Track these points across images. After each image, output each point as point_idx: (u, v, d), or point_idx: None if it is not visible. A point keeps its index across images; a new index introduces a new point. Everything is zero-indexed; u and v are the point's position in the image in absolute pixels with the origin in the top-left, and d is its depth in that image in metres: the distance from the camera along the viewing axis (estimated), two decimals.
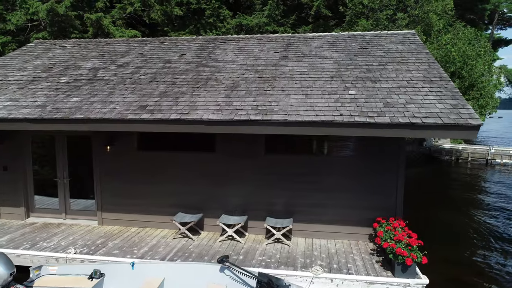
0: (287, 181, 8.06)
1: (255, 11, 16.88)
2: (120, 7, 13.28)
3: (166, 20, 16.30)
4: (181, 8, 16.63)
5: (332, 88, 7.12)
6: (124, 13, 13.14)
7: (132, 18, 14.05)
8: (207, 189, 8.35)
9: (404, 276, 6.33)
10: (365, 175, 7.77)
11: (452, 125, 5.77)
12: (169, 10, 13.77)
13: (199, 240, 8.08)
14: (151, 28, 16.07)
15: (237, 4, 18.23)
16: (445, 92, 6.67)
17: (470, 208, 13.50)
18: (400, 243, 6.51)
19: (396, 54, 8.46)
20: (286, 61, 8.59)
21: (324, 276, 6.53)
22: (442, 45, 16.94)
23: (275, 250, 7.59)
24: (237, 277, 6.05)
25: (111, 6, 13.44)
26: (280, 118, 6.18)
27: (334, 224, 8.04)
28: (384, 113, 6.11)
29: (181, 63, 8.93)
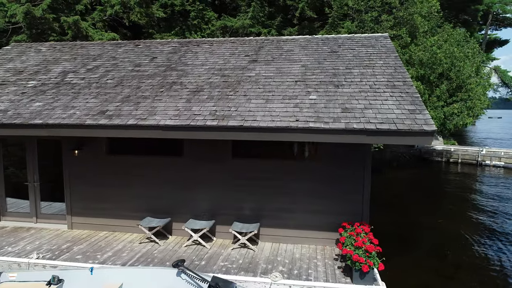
0: (254, 186, 8.01)
1: (240, 12, 16.84)
2: (101, 9, 13.26)
3: (152, 23, 16.28)
4: (165, 10, 16.61)
5: (294, 93, 7.08)
6: (105, 16, 13.11)
7: (115, 21, 14.04)
8: (176, 193, 8.31)
9: (361, 283, 6.28)
10: (332, 180, 7.72)
11: (405, 131, 5.72)
12: (149, 12, 13.74)
13: (165, 245, 8.04)
14: (135, 31, 16.05)
15: (223, 6, 18.19)
16: (406, 97, 6.62)
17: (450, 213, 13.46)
18: (359, 249, 6.47)
19: (365, 58, 8.41)
20: (254, 65, 8.55)
21: (283, 282, 6.48)
22: (428, 47, 16.86)
23: (239, 255, 7.55)
24: (192, 281, 6.04)
25: (92, 8, 13.41)
26: (236, 123, 6.14)
27: (301, 229, 8.00)
28: (340, 119, 6.06)
29: (150, 67, 8.90)
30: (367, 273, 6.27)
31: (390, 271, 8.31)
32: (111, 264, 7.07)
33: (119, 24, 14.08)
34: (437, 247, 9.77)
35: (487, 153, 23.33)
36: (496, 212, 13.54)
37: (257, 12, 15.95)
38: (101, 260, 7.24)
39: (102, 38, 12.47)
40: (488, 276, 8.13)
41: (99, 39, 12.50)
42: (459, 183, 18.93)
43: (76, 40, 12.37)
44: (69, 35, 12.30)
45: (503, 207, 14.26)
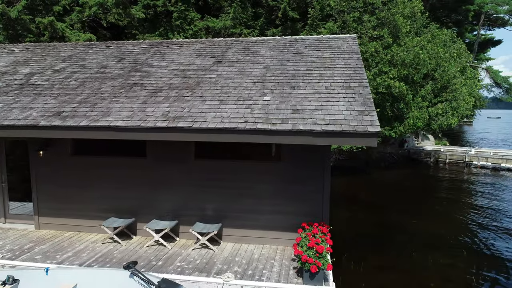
0: (217, 187, 8.05)
1: (223, 13, 16.87)
2: (79, 10, 13.31)
3: (134, 23, 16.32)
4: (148, 11, 16.65)
5: (249, 94, 7.11)
6: (83, 17, 13.17)
7: (95, 22, 14.09)
8: (140, 194, 8.35)
9: (312, 283, 6.31)
10: (294, 181, 7.75)
11: (350, 132, 5.74)
12: (127, 13, 13.78)
13: (127, 245, 8.07)
14: (118, 31, 16.10)
15: (206, 6, 18.22)
16: (358, 98, 6.65)
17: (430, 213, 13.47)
18: (311, 250, 6.49)
19: (328, 59, 8.43)
20: (218, 66, 8.58)
21: (234, 282, 6.51)
22: (410, 47, 16.86)
23: (198, 255, 7.58)
24: (143, 283, 6.08)
25: (70, 9, 13.46)
26: (185, 125, 6.17)
27: (263, 230, 8.03)
28: (289, 120, 6.09)
29: (116, 68, 8.94)
30: (317, 274, 6.29)
31: (354, 271, 8.37)
32: (68, 264, 7.12)
33: (99, 25, 14.13)
34: (406, 247, 9.78)
35: (475, 154, 23.31)
36: (478, 212, 13.55)
37: (238, 13, 15.98)
38: (59, 261, 7.28)
39: (78, 39, 12.52)
40: (449, 276, 8.15)
41: (75, 40, 12.55)
42: (444, 184, 18.94)
43: (53, 41, 12.41)
44: (46, 36, 12.36)
45: (486, 207, 14.26)
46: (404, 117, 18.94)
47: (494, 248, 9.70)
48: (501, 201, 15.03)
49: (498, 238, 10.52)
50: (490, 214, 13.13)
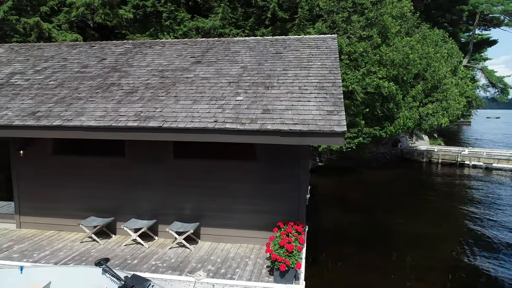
0: (195, 186, 8.10)
1: (212, 13, 16.94)
2: (66, 11, 13.38)
3: (124, 24, 16.39)
4: (137, 11, 16.71)
5: (223, 94, 7.16)
6: (70, 17, 13.24)
7: (83, 22, 14.16)
8: (120, 193, 8.40)
9: (282, 281, 6.36)
10: (269, 180, 7.79)
11: (316, 132, 5.80)
12: (115, 13, 13.84)
13: (106, 244, 8.13)
14: (108, 32, 16.16)
15: (197, 7, 18.28)
16: (329, 98, 6.70)
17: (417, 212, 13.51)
18: (282, 248, 6.55)
19: (305, 59, 8.49)
20: (196, 66, 8.64)
21: (206, 281, 6.57)
22: (399, 47, 16.91)
23: (174, 254, 7.63)
24: (113, 279, 6.13)
25: (58, 10, 13.54)
26: (156, 124, 6.23)
27: (241, 229, 8.08)
28: (258, 120, 6.15)
29: (97, 68, 9.00)
30: (287, 272, 6.34)
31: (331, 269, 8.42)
32: (44, 263, 7.18)
33: (87, 26, 14.20)
34: (387, 247, 9.83)
35: (467, 154, 23.33)
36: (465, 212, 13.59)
37: (227, 13, 16.03)
38: (36, 259, 7.34)
39: (65, 40, 12.59)
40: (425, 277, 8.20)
41: (62, 40, 12.63)
42: (434, 184, 18.97)
43: (39, 41, 12.49)
44: (32, 36, 12.44)
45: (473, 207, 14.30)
46: (394, 117, 19.01)
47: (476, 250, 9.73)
48: (489, 202, 15.07)
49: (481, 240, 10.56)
50: (476, 214, 13.17)
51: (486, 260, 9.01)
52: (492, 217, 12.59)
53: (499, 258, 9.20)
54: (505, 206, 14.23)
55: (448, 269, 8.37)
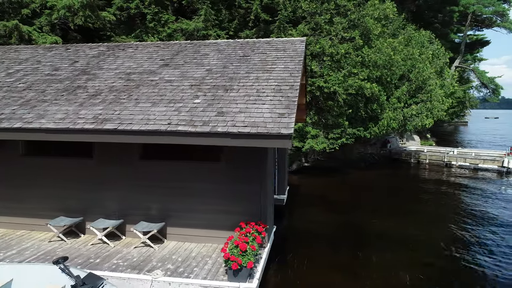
0: (161, 187, 8.27)
1: (196, 15, 17.10)
2: (48, 13, 13.56)
3: (108, 25, 16.56)
4: (122, 13, 16.89)
5: (183, 97, 7.32)
6: (52, 20, 13.42)
7: (65, 24, 14.33)
8: (88, 193, 8.56)
9: (235, 280, 6.52)
10: (232, 181, 7.95)
11: (264, 134, 5.95)
12: (96, 15, 14.02)
13: (73, 244, 8.30)
14: (92, 34, 16.33)
15: (182, 8, 18.44)
16: (283, 101, 6.85)
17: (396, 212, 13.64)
18: (236, 248, 6.71)
19: (270, 62, 8.64)
20: (163, 69, 8.80)
21: (162, 279, 6.74)
22: (382, 49, 17.04)
23: (137, 253, 7.80)
24: (69, 277, 6.30)
25: (40, 12, 13.74)
26: (111, 127, 6.40)
27: (205, 229, 8.24)
28: (210, 122, 6.31)
29: (67, 71, 9.17)
30: (240, 271, 6.50)
31: (296, 269, 8.56)
32: (8, 261, 7.35)
33: (70, 28, 14.38)
34: (357, 247, 9.96)
35: (453, 155, 23.46)
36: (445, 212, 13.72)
37: (210, 15, 16.20)
38: (1, 258, 7.52)
39: (45, 42, 12.78)
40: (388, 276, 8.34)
41: (42, 42, 12.81)
42: (419, 184, 19.07)
43: (20, 44, 12.68)
44: (13, 39, 12.63)
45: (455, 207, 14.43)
46: (378, 118, 19.15)
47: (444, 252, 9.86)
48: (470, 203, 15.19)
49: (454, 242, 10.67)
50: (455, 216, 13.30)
51: (453, 262, 9.14)
52: (469, 219, 12.71)
53: (466, 259, 9.33)
54: (484, 207, 14.36)
55: (411, 270, 8.50)
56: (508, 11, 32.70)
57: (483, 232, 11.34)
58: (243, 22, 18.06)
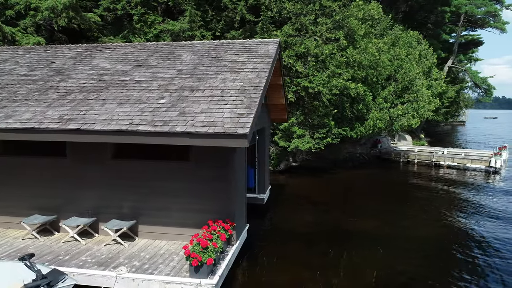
0: (132, 186, 8.41)
1: (182, 16, 17.27)
2: (32, 14, 13.76)
3: (95, 26, 16.74)
4: (109, 14, 17.06)
5: (149, 97, 7.48)
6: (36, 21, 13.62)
7: (51, 25, 14.51)
8: (62, 192, 8.71)
9: (196, 276, 6.67)
10: (202, 180, 8.08)
11: (220, 134, 6.11)
12: (80, 16, 14.21)
13: (46, 241, 8.46)
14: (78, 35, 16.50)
15: (169, 9, 18.61)
16: (245, 102, 7.01)
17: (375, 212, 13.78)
18: (198, 245, 6.86)
19: (240, 63, 8.79)
20: (136, 69, 8.96)
21: (126, 276, 6.90)
22: (364, 49, 17.18)
23: (107, 251, 7.96)
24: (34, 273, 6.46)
25: (25, 14, 13.93)
26: (74, 127, 6.56)
27: (176, 227, 8.39)
28: (170, 122, 6.46)
29: (42, 72, 9.34)
30: (200, 267, 6.65)
31: (265, 267, 8.70)
32: None
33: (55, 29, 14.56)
34: (329, 245, 10.10)
35: (441, 154, 23.58)
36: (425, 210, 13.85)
37: (194, 16, 16.35)
38: None
39: (28, 43, 12.98)
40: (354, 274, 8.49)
41: (26, 43, 13.00)
42: (404, 183, 19.19)
43: (4, 45, 12.86)
44: None
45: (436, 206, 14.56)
46: (364, 118, 19.29)
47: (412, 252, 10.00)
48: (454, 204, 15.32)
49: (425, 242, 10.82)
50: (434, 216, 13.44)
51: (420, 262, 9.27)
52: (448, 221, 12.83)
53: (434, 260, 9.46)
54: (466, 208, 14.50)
55: (378, 268, 8.63)
56: (501, 11, 32.85)
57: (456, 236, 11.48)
58: (230, 23, 18.22)
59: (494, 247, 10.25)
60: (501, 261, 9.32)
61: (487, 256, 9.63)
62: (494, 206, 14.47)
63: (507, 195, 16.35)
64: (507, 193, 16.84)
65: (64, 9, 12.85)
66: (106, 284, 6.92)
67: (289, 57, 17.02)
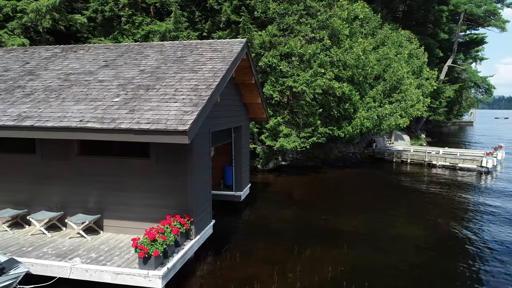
0: (97, 181, 8.72)
1: (169, 17, 17.61)
2: (19, 16, 14.25)
3: (83, 28, 17.20)
4: (97, 15, 17.51)
5: (106, 95, 7.78)
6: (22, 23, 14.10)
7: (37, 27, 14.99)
8: (32, 187, 9.07)
9: (145, 268, 6.95)
10: (161, 176, 8.34)
11: (161, 131, 6.36)
12: (65, 17, 14.66)
13: (15, 233, 8.84)
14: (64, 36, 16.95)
15: (158, 11, 18.99)
16: (194, 100, 7.25)
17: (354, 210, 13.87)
18: (147, 238, 7.13)
19: (201, 63, 9.03)
20: (102, 69, 9.28)
21: (80, 267, 7.22)
22: (349, 49, 17.25)
23: (69, 243, 8.29)
24: None
25: (13, 16, 14.45)
26: (29, 124, 6.89)
27: (138, 221, 8.68)
28: (117, 119, 6.74)
29: (15, 72, 9.73)
30: (148, 259, 6.92)
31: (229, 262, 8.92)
32: None
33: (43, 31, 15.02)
34: (296, 241, 10.28)
35: (433, 154, 23.45)
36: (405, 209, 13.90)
37: (179, 17, 16.67)
38: None
39: (13, 44, 13.46)
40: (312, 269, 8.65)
41: (11, 44, 13.49)
42: (392, 183, 19.18)
43: None
44: None
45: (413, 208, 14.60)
46: (352, 117, 19.34)
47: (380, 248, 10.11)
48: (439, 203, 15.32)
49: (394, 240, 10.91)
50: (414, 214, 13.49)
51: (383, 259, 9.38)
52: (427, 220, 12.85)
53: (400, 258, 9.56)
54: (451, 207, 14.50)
55: (337, 264, 8.78)
56: (501, 10, 32.43)
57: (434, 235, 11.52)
58: (217, 23, 18.50)
59: (467, 245, 10.32)
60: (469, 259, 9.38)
61: (455, 254, 9.72)
62: (479, 206, 14.44)
63: (493, 195, 16.26)
64: (494, 192, 16.75)
65: (48, 11, 13.28)
66: (62, 275, 7.25)
67: (273, 57, 17.21)
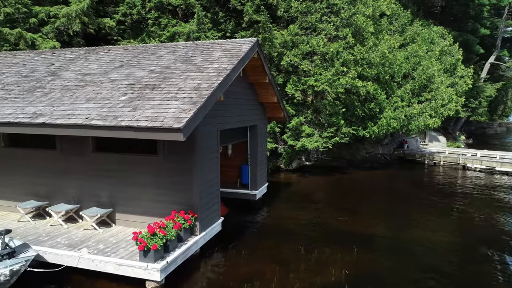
0: (110, 177, 9.14)
1: (192, 19, 18.01)
2: (53, 21, 15.22)
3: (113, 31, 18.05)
4: (126, 19, 18.28)
5: (114, 94, 8.13)
6: (55, 27, 15.06)
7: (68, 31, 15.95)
8: (53, 181, 9.67)
9: (145, 260, 7.20)
10: (168, 173, 8.59)
11: (157, 128, 6.55)
12: (94, 21, 15.45)
13: (36, 224, 9.47)
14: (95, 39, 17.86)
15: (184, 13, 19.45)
16: (194, 98, 7.39)
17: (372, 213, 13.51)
18: (147, 232, 7.37)
19: (209, 62, 9.17)
20: (116, 70, 9.70)
21: (87, 257, 7.61)
22: (373, 47, 16.73)
23: (82, 235, 8.76)
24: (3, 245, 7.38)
25: (48, 21, 15.46)
26: (41, 121, 7.36)
27: (146, 216, 8.99)
28: (119, 117, 7.03)
29: (40, 73, 10.40)
30: (147, 252, 7.16)
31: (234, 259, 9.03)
32: None
33: (76, 34, 15.97)
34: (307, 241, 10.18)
35: (468, 157, 22.17)
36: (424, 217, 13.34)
37: (202, 19, 17.00)
38: None
39: (46, 47, 14.38)
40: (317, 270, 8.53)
41: (44, 47, 14.43)
42: (422, 186, 18.39)
43: (26, 50, 14.37)
44: (21, 45, 14.39)
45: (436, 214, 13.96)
46: (377, 117, 18.76)
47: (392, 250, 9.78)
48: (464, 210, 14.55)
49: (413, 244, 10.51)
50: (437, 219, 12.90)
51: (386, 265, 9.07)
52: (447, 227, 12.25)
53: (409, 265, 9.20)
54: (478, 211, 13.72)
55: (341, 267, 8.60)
56: None
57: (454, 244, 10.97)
58: (241, 23, 18.66)
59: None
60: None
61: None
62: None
63: None
64: None
65: (77, 15, 14.08)
66: (70, 264, 7.68)
67: (295, 56, 17.09)
